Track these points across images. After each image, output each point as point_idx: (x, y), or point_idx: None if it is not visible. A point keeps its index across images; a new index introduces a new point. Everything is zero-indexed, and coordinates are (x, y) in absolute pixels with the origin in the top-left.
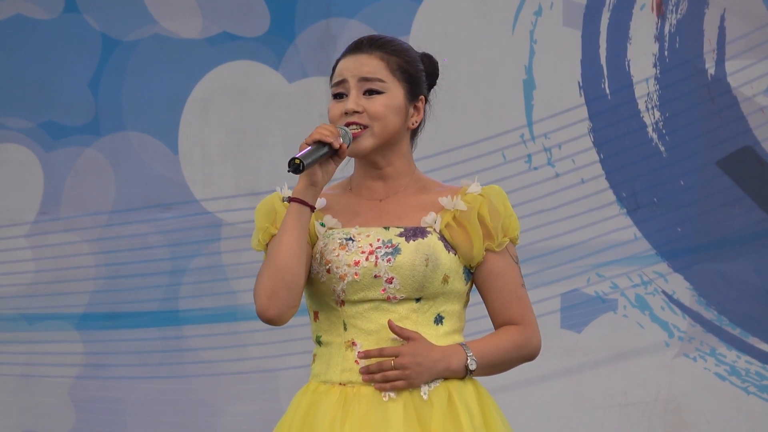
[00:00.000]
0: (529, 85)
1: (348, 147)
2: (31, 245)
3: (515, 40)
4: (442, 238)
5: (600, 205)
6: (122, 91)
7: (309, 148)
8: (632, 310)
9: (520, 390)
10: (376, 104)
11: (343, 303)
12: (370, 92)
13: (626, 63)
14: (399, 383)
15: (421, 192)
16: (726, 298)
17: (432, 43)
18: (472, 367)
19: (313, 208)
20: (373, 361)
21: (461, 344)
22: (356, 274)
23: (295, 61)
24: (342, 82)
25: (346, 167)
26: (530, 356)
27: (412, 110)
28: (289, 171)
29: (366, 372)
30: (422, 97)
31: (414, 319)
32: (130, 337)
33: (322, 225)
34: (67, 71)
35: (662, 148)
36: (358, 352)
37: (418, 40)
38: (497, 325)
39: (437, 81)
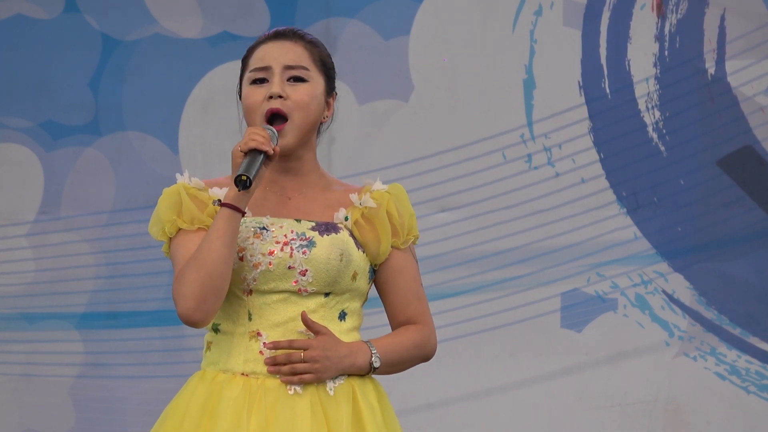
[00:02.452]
0: (529, 85)
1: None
2: (31, 245)
3: (515, 39)
4: (351, 235)
5: (600, 205)
6: (122, 90)
7: (247, 159)
8: (632, 310)
9: (521, 389)
10: (300, 92)
11: (251, 292)
12: (295, 79)
13: (626, 63)
14: (307, 377)
15: (326, 189)
16: (726, 298)
17: (432, 42)
18: (377, 364)
19: (243, 214)
20: (280, 352)
21: (366, 342)
22: (270, 263)
23: None
24: (265, 68)
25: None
26: (428, 356)
27: (325, 105)
28: (239, 189)
29: (272, 363)
30: (335, 93)
31: (321, 313)
32: (131, 336)
33: None
34: (68, 71)
35: (662, 148)
36: (264, 342)
37: (418, 40)
38: (396, 324)
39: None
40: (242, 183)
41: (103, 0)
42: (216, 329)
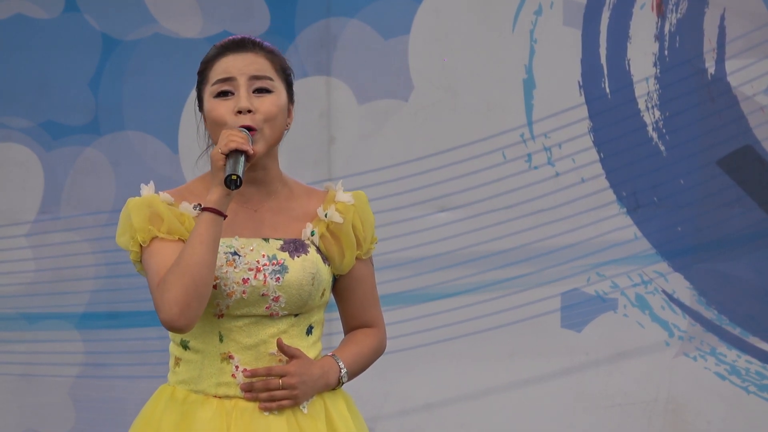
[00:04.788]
0: (529, 85)
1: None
2: (31, 244)
3: (515, 39)
4: (318, 250)
5: (600, 205)
6: (122, 90)
7: (230, 160)
8: (632, 310)
9: (521, 390)
10: (268, 103)
11: (222, 315)
12: (260, 91)
13: (626, 62)
14: (285, 402)
15: (290, 198)
16: (726, 298)
17: (432, 42)
18: (345, 379)
19: (225, 217)
20: (257, 379)
21: (333, 356)
22: (244, 292)
23: (295, 61)
24: (229, 79)
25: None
26: (380, 355)
27: (287, 113)
28: (231, 189)
29: (249, 389)
30: (294, 100)
31: (291, 332)
32: (131, 336)
33: None
34: (68, 71)
35: (662, 148)
36: (237, 366)
37: (418, 40)
38: (350, 327)
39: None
40: (233, 182)
41: (103, 0)
42: (185, 346)
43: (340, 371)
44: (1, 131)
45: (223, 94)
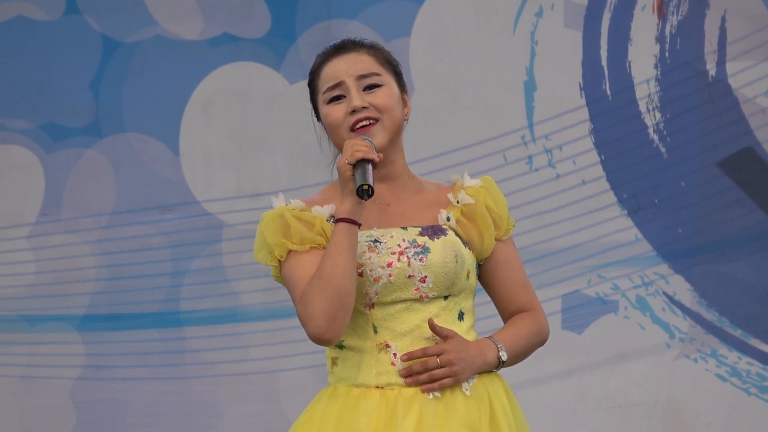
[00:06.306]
0: (530, 87)
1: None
2: (32, 246)
3: (516, 41)
4: (456, 234)
5: (601, 207)
6: (123, 92)
7: (359, 170)
8: (633, 312)
9: (522, 391)
10: (380, 97)
11: (373, 306)
12: (371, 87)
13: (627, 64)
14: (447, 381)
15: (420, 191)
16: (727, 300)
17: (433, 44)
18: (504, 358)
19: (360, 225)
20: (414, 362)
21: (489, 337)
22: (390, 275)
23: (296, 63)
24: (339, 84)
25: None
26: (544, 341)
27: (402, 103)
28: (363, 199)
29: (409, 374)
30: (407, 89)
31: (443, 317)
32: (131, 338)
33: None
34: (68, 73)
35: (663, 150)
36: (402, 355)
37: (418, 42)
38: (508, 315)
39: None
40: (365, 192)
41: (104, 1)
42: (340, 345)
43: (498, 349)
44: (2, 133)
45: (335, 99)
